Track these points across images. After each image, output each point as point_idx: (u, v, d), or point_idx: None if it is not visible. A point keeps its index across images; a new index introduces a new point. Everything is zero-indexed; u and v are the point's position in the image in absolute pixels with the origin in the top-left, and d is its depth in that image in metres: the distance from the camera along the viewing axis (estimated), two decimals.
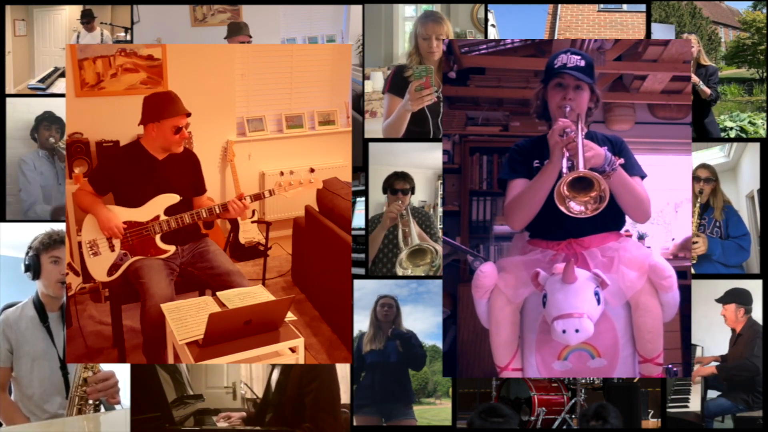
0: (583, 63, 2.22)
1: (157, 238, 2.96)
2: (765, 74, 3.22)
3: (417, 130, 2.92)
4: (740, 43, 3.31)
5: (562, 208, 2.03)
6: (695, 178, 3.14)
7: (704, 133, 3.14)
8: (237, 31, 3.73)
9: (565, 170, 2.05)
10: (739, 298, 3.01)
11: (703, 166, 3.16)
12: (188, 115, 2.97)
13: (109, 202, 3.01)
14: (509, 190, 2.28)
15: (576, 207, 2.03)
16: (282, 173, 3.07)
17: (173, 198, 2.97)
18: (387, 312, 3.08)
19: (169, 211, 2.97)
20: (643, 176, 2.28)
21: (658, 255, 2.26)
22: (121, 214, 2.94)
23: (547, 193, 2.11)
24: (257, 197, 3.01)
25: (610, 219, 2.24)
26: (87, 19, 3.37)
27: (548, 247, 2.28)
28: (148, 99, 2.98)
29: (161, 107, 2.93)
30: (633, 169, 2.24)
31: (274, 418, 2.61)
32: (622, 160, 2.16)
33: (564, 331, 2.06)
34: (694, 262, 3.08)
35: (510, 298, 2.26)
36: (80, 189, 3.02)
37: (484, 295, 2.29)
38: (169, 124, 2.92)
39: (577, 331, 2.06)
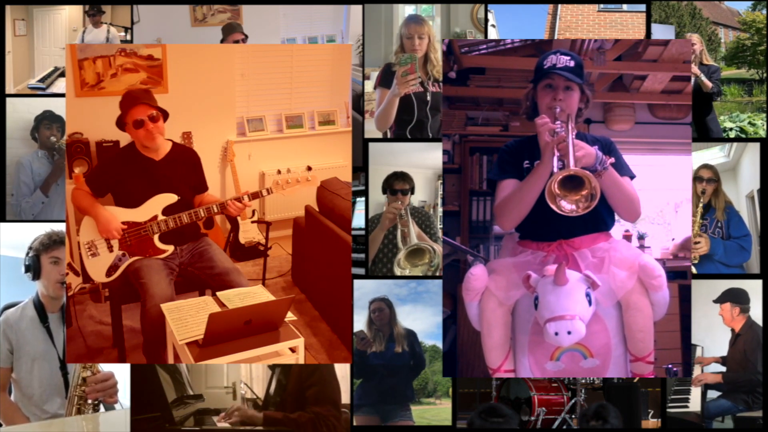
0: (572, 63, 2.21)
1: (156, 238, 2.96)
2: (765, 75, 3.22)
3: (406, 118, 3.00)
4: (740, 44, 3.31)
5: (553, 207, 2.02)
6: (698, 179, 3.14)
7: (706, 131, 3.13)
8: (230, 31, 3.73)
9: (556, 170, 2.05)
10: (735, 297, 3.01)
11: (706, 166, 3.16)
12: (150, 104, 2.87)
13: (108, 203, 3.01)
14: (499, 190, 2.27)
15: (567, 206, 2.03)
16: (279, 171, 3.07)
17: (171, 198, 2.97)
18: (380, 316, 3.08)
19: (168, 210, 2.96)
20: (632, 177, 2.28)
21: (648, 255, 2.27)
22: (120, 215, 2.94)
23: (538, 194, 2.11)
24: (255, 196, 3.00)
25: (600, 219, 2.24)
26: (94, 11, 3.35)
27: (539, 249, 2.28)
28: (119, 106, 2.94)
29: (121, 109, 2.91)
30: (622, 169, 2.24)
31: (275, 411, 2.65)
32: (612, 159, 2.16)
33: (556, 333, 2.06)
34: (696, 262, 3.08)
35: (501, 300, 2.25)
36: (77, 189, 3.01)
37: (474, 298, 2.28)
38: (130, 121, 2.89)
39: (569, 333, 2.06)
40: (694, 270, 3.08)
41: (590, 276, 2.13)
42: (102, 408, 2.69)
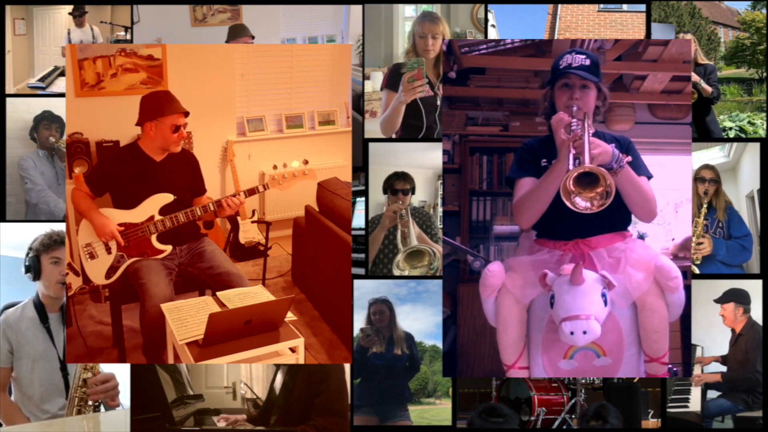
0: (588, 62, 2.23)
1: (153, 238, 2.96)
2: (764, 74, 3.22)
3: (413, 123, 2.96)
4: (739, 44, 3.31)
5: (568, 204, 2.03)
6: (700, 180, 3.14)
7: (705, 132, 3.13)
8: (238, 34, 3.72)
9: (571, 167, 2.05)
10: (738, 297, 3.01)
11: (707, 167, 3.16)
12: (186, 114, 2.96)
13: (106, 204, 3.00)
14: (517, 188, 2.28)
15: (581, 203, 2.03)
16: (275, 167, 3.07)
17: (167, 197, 2.97)
18: (380, 318, 3.07)
19: (164, 210, 2.96)
20: (649, 177, 2.28)
21: (665, 256, 2.27)
22: (116, 216, 2.94)
23: (555, 192, 2.11)
24: (251, 192, 3.00)
25: (617, 219, 2.25)
26: (78, 12, 3.34)
27: (555, 247, 2.29)
28: (146, 98, 2.97)
29: (160, 105, 2.92)
30: (640, 169, 2.25)
31: (279, 420, 2.61)
32: (629, 158, 2.17)
33: (572, 333, 2.07)
34: (698, 263, 3.08)
35: (518, 297, 2.26)
36: (77, 189, 3.01)
37: (491, 294, 2.30)
38: (168, 122, 2.91)
39: (584, 332, 2.06)
40: (695, 270, 3.08)
41: (606, 276, 2.13)
42: (102, 410, 2.68)
